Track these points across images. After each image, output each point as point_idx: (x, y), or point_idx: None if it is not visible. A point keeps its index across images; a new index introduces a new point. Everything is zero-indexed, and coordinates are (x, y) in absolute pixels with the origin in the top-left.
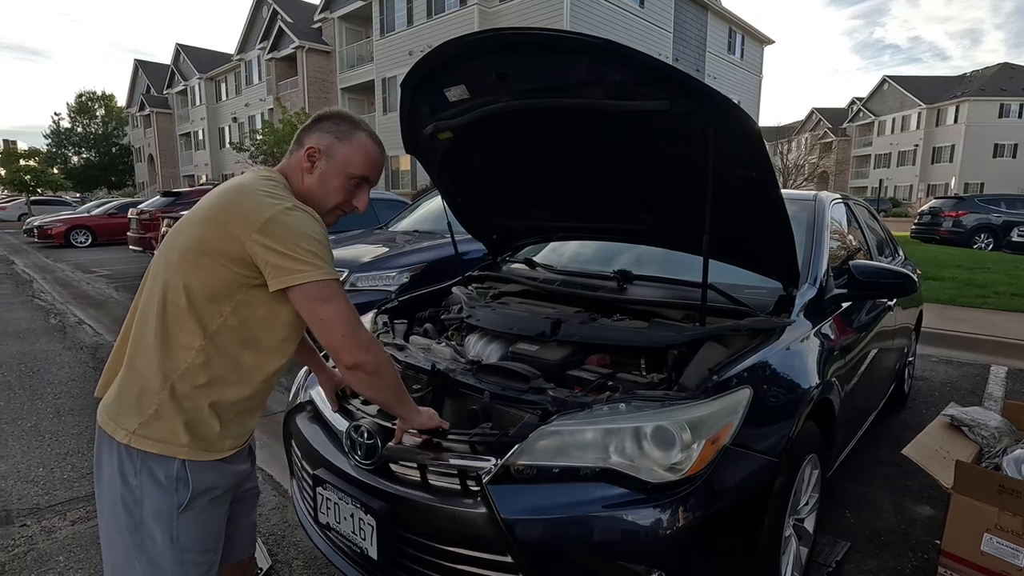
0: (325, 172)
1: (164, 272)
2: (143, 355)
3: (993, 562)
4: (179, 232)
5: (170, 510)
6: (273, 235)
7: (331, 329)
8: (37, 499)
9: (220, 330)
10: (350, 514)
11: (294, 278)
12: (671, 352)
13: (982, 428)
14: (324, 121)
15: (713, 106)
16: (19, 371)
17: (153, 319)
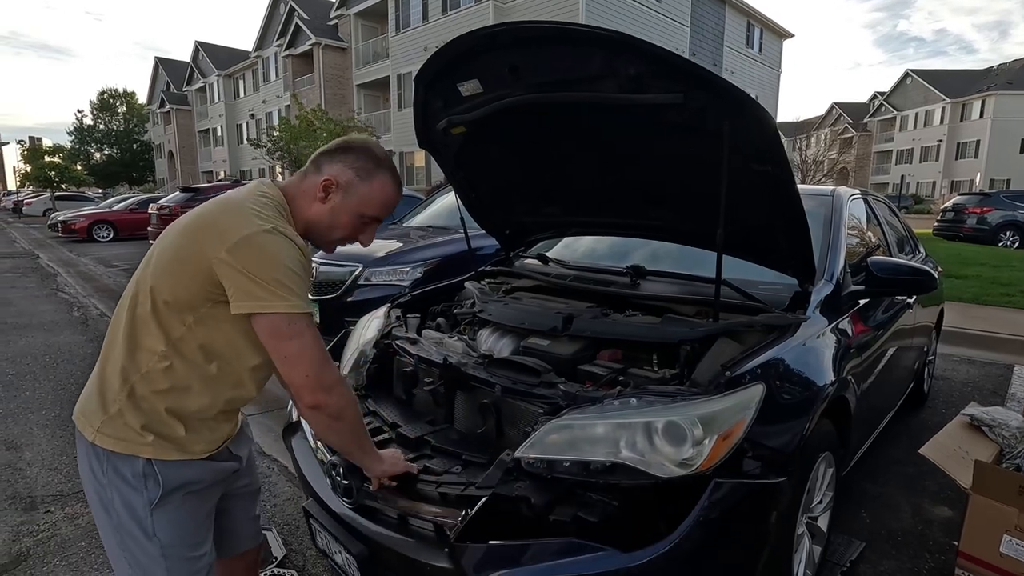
0: (338, 206)
1: (140, 273)
2: (112, 354)
3: (1012, 564)
4: (163, 236)
5: (142, 507)
6: (243, 256)
7: (293, 367)
8: (61, 486)
9: (183, 338)
10: (337, 549)
11: (256, 306)
12: (683, 348)
13: (1003, 428)
14: (348, 153)
15: (728, 100)
16: (44, 362)
17: (123, 319)
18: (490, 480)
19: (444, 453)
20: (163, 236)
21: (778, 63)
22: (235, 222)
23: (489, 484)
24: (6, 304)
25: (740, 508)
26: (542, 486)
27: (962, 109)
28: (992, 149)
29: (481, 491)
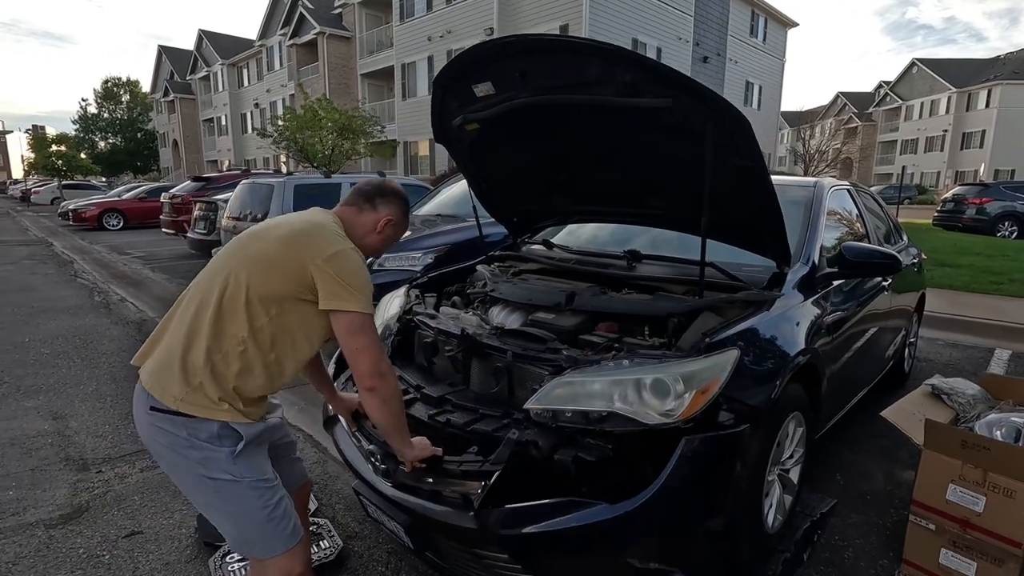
0: (389, 237)
1: (230, 269)
2: (194, 336)
3: (956, 509)
4: (254, 239)
5: (227, 458)
6: (336, 265)
7: (360, 355)
8: (108, 451)
9: (263, 328)
10: (387, 519)
11: (343, 304)
12: (671, 320)
13: (959, 396)
14: (396, 197)
15: (712, 105)
16: (74, 343)
17: (211, 307)
18: (500, 457)
19: (463, 409)
20: (251, 240)
21: (782, 52)
22: (330, 239)
23: (500, 460)
24: (30, 289)
25: (711, 456)
26: (548, 432)
27: (968, 99)
28: (997, 139)
29: (495, 467)
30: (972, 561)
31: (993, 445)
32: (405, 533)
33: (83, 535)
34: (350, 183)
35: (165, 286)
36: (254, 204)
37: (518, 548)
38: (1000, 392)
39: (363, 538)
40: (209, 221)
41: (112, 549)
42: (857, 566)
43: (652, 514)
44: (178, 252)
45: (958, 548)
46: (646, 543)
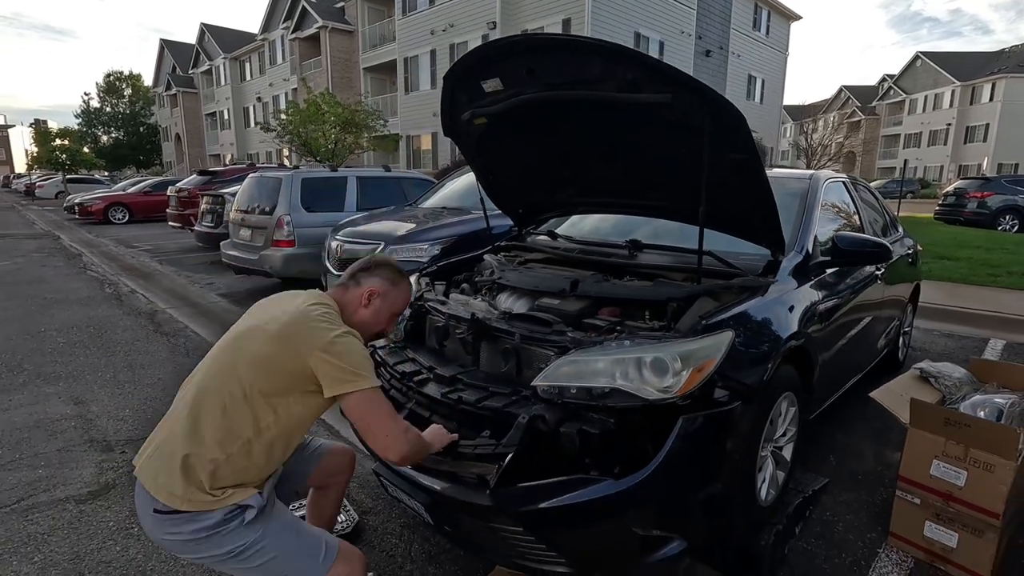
0: (378, 309)
1: (230, 370)
2: (196, 437)
3: (939, 483)
4: (250, 338)
5: (237, 530)
6: (335, 353)
7: (374, 430)
8: (129, 433)
9: (268, 427)
10: (407, 498)
11: (347, 387)
12: (670, 304)
13: (946, 379)
14: (381, 268)
15: (709, 101)
16: (89, 332)
17: (213, 408)
18: (512, 439)
19: (474, 387)
20: (247, 339)
21: (785, 46)
22: (321, 328)
23: (512, 443)
24: (41, 281)
25: (707, 432)
26: (554, 408)
27: (972, 92)
28: (1001, 133)
29: (507, 449)
30: (954, 532)
31: (974, 422)
32: (425, 511)
33: (112, 509)
34: (356, 177)
35: (174, 278)
36: (262, 198)
37: (532, 522)
38: (985, 375)
39: (377, 513)
40: (216, 214)
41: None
42: (846, 539)
43: (652, 488)
44: (185, 245)
45: (941, 520)
46: (647, 513)
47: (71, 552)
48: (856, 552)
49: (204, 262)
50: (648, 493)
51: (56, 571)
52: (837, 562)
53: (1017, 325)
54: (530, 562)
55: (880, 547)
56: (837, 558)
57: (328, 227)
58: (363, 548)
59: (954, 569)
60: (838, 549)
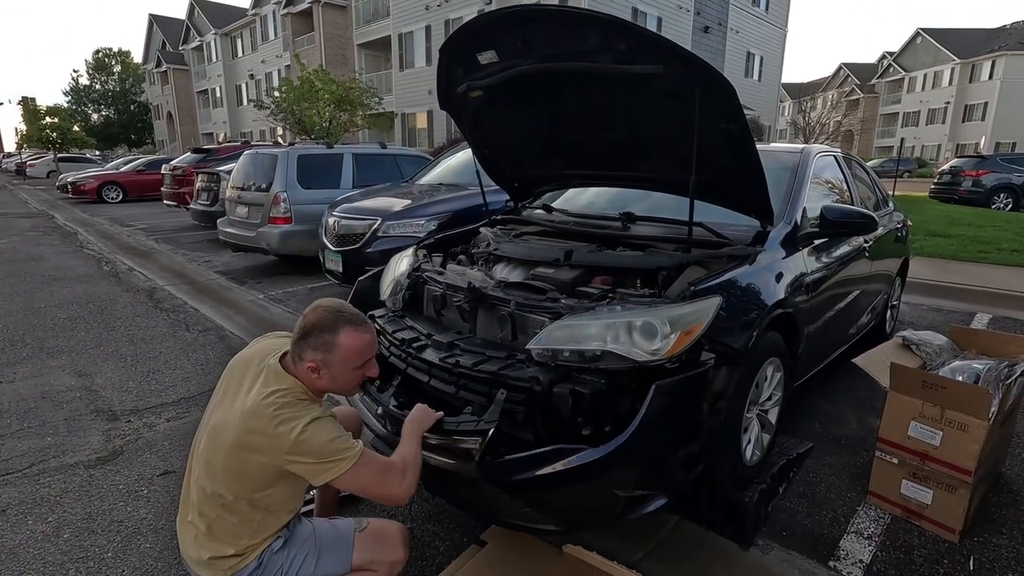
0: (333, 376)
1: (216, 477)
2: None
3: (916, 444)
4: (220, 442)
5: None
6: (304, 453)
7: (371, 490)
8: (134, 403)
9: (269, 508)
10: None
11: (332, 473)
12: (661, 273)
13: (927, 346)
14: (308, 337)
15: (699, 70)
16: (89, 308)
17: (221, 511)
18: (493, 415)
19: (471, 352)
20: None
21: (785, 22)
22: (280, 434)
23: (493, 419)
24: (39, 259)
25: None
26: (548, 370)
27: (971, 70)
28: (1000, 111)
29: (488, 424)
30: (929, 489)
31: (950, 384)
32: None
33: (121, 474)
34: (352, 153)
35: (171, 256)
36: (258, 175)
37: (517, 490)
38: (965, 342)
39: None
40: (212, 192)
41: (149, 485)
42: (828, 498)
43: (630, 453)
44: (181, 224)
45: (917, 479)
46: (627, 476)
47: (83, 513)
48: (836, 510)
49: (201, 240)
50: (626, 458)
51: (70, 530)
52: (818, 519)
53: (1003, 299)
54: (521, 521)
55: (859, 505)
56: (818, 515)
57: (325, 204)
58: (364, 509)
59: (928, 524)
60: (819, 507)
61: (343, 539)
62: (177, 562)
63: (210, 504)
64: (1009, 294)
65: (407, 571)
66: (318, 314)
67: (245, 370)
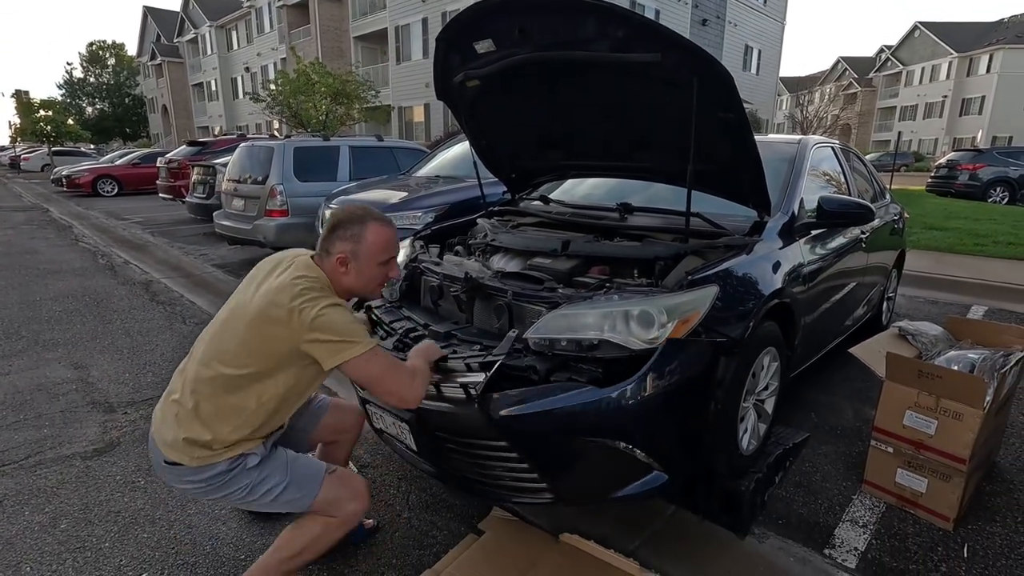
0: (359, 270)
1: (226, 354)
2: (203, 409)
3: (912, 432)
4: (239, 319)
5: (243, 472)
6: (321, 329)
7: (379, 385)
8: (131, 395)
9: (272, 398)
10: (392, 422)
11: (344, 356)
12: (658, 263)
13: (923, 336)
14: (339, 229)
15: (697, 59)
16: (85, 301)
17: (219, 390)
18: (501, 349)
19: (468, 342)
20: (236, 319)
21: (783, 15)
22: (302, 310)
23: (501, 352)
24: (34, 252)
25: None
26: (545, 359)
27: (969, 64)
28: (997, 105)
29: (495, 358)
30: (924, 478)
31: (946, 374)
32: (410, 432)
33: (118, 465)
34: (349, 146)
35: (167, 250)
36: (254, 167)
37: (515, 431)
38: (961, 333)
39: (375, 467)
40: (208, 185)
41: (146, 476)
42: (823, 487)
43: (635, 399)
44: (177, 217)
45: (912, 467)
46: (630, 427)
47: (80, 503)
48: (832, 499)
49: (197, 233)
50: (631, 404)
51: (67, 521)
52: (813, 507)
53: (999, 292)
54: (514, 493)
55: (854, 494)
56: (813, 504)
57: (321, 196)
58: None
59: (923, 512)
60: (815, 496)
61: (313, 476)
62: (175, 550)
63: (208, 383)
64: (1004, 286)
65: (404, 560)
66: (347, 210)
67: (274, 266)
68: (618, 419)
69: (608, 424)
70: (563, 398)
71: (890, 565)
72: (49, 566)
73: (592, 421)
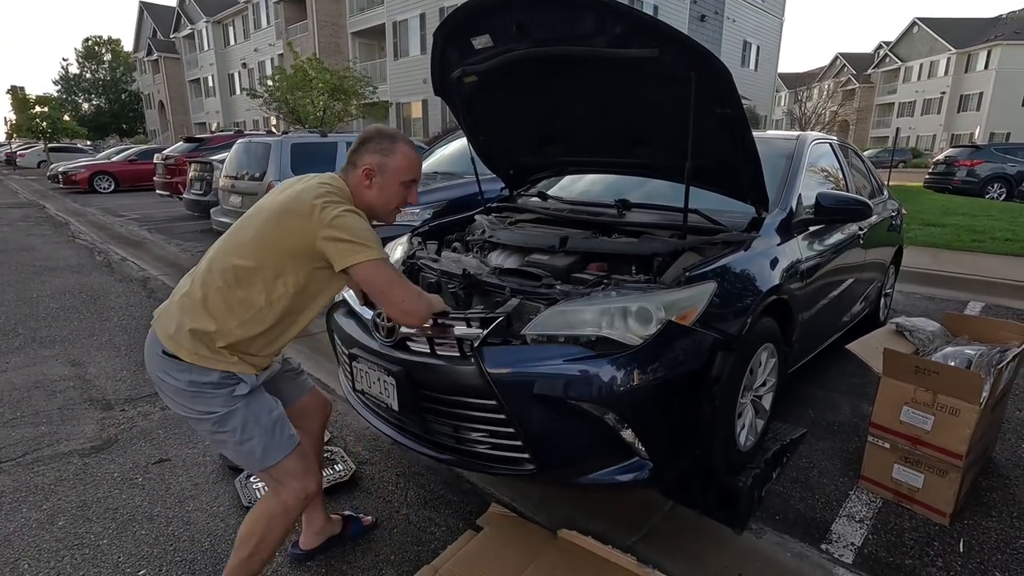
0: (382, 184)
1: (241, 247)
2: (211, 302)
3: (908, 428)
4: (258, 216)
5: (226, 397)
6: (338, 229)
7: (385, 296)
8: (128, 392)
9: (280, 298)
10: (377, 379)
11: (355, 259)
12: (656, 259)
13: (920, 332)
14: (369, 142)
15: (695, 54)
16: (82, 298)
17: (231, 281)
18: (506, 309)
19: None
20: (255, 215)
21: (782, 11)
22: (323, 208)
23: (506, 311)
24: (30, 249)
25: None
26: None
27: (967, 60)
28: (995, 102)
29: (498, 314)
30: (920, 473)
31: (943, 370)
32: (395, 387)
33: (115, 462)
34: (347, 143)
35: (164, 246)
36: (251, 164)
37: (506, 389)
38: (958, 329)
39: (374, 463)
40: (205, 182)
41: (144, 473)
42: (821, 483)
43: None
44: (174, 214)
45: (909, 463)
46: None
47: (78, 500)
48: (829, 494)
49: (195, 230)
50: (624, 375)
51: (64, 518)
52: (810, 503)
53: (996, 288)
54: (495, 463)
55: (851, 489)
56: (811, 499)
57: None
58: (361, 495)
59: (919, 507)
60: (812, 492)
61: (286, 440)
62: (173, 547)
63: (219, 275)
64: (1002, 282)
65: (402, 556)
66: (378, 127)
67: (297, 180)
68: (610, 388)
69: (600, 391)
70: (560, 359)
71: (886, 560)
72: (47, 563)
73: (586, 385)
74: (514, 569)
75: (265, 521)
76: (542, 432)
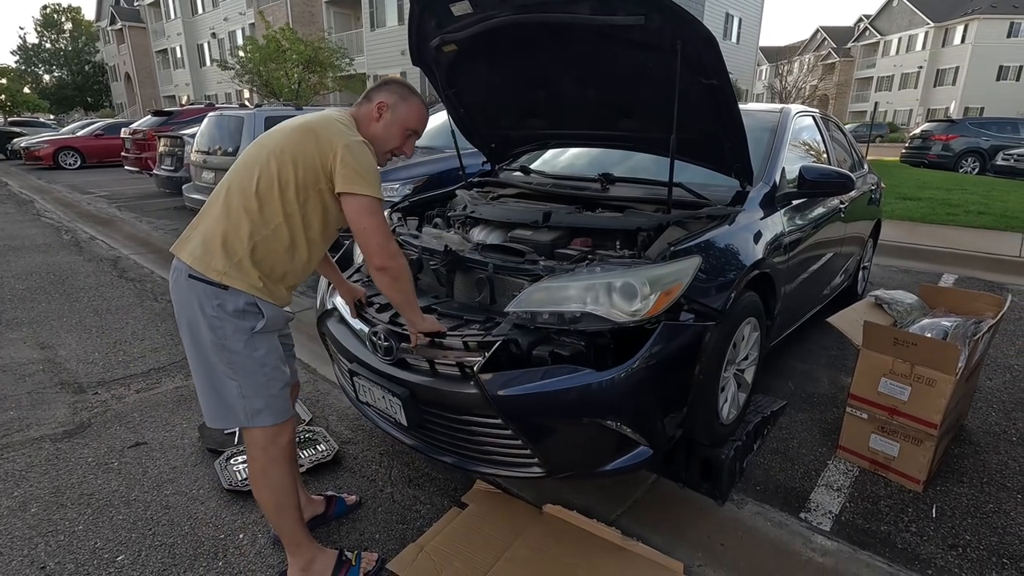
0: (389, 122)
1: (261, 162)
2: (236, 220)
3: (886, 399)
4: (276, 133)
5: (248, 330)
6: (351, 154)
7: (370, 235)
8: (101, 375)
9: (292, 214)
10: (381, 396)
11: (355, 188)
12: (640, 234)
13: (898, 304)
14: (391, 84)
15: (681, 22)
16: (50, 279)
17: (249, 195)
18: (503, 330)
19: (449, 316)
20: (271, 137)
21: None
22: (341, 132)
23: (502, 333)
24: None
25: (681, 342)
26: (527, 332)
27: (944, 34)
28: (970, 76)
29: (496, 338)
30: (896, 443)
31: (920, 341)
32: (401, 407)
33: (89, 447)
34: None
35: (135, 224)
36: (223, 138)
37: (511, 410)
38: (935, 301)
39: (356, 443)
40: (176, 157)
41: (120, 457)
42: (800, 453)
43: (630, 383)
44: (145, 191)
45: (885, 432)
46: (622, 408)
47: (51, 487)
48: (808, 464)
49: (166, 207)
50: (625, 386)
51: (37, 505)
52: (790, 473)
53: (969, 260)
54: (503, 467)
55: (829, 459)
56: (790, 470)
57: None
58: (344, 475)
59: (894, 475)
60: (791, 462)
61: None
62: (152, 531)
63: (239, 193)
64: (974, 255)
65: (388, 535)
66: (403, 79)
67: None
68: (613, 400)
69: (603, 405)
70: (561, 380)
71: (863, 527)
72: (20, 551)
73: (588, 402)
74: (500, 545)
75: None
76: (549, 443)
